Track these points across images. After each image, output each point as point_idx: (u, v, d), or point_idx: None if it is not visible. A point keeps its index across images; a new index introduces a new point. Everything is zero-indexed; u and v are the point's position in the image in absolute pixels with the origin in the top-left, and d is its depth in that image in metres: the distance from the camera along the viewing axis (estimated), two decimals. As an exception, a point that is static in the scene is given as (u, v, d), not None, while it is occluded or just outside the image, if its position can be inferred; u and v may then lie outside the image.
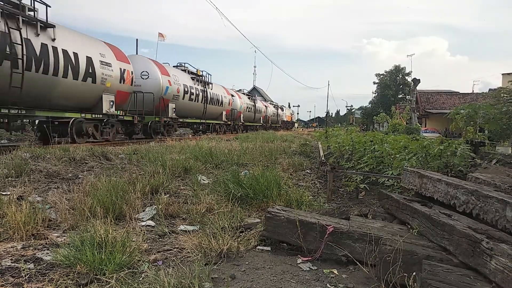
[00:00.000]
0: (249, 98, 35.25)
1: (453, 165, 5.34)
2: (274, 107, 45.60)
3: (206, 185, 5.38)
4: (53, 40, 10.16)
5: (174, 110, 17.89)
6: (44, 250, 2.80)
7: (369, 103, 65.32)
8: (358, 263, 2.58)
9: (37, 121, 11.61)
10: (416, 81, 31.24)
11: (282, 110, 52.15)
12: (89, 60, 11.41)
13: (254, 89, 70.19)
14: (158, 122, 16.51)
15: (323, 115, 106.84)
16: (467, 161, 5.59)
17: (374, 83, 62.24)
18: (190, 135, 20.98)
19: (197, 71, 21.22)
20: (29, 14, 9.62)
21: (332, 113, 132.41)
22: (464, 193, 2.82)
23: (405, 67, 59.23)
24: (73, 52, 10.81)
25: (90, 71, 11.46)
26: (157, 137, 16.49)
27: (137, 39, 16.21)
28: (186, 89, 18.95)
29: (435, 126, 31.57)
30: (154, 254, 2.78)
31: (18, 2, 9.36)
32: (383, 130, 29.99)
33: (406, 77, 57.74)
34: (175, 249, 2.91)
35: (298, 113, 77.68)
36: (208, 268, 2.36)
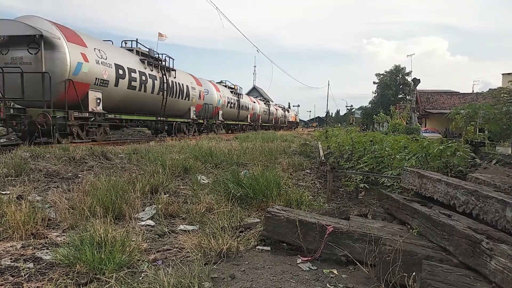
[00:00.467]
0: (265, 103, 38.22)
1: (453, 165, 5.34)
2: (282, 109, 50.62)
3: (206, 184, 5.37)
4: (174, 78, 17.55)
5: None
6: (44, 249, 2.80)
7: (369, 103, 65.32)
8: (358, 263, 2.58)
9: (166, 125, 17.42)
10: (416, 81, 31.26)
11: (288, 111, 56.35)
12: (187, 87, 18.78)
13: (254, 89, 70.17)
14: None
15: (323, 115, 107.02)
16: (467, 161, 5.59)
17: (374, 83, 62.26)
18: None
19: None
20: (167, 66, 17.02)
21: (332, 113, 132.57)
22: (464, 193, 2.82)
23: (405, 67, 59.24)
24: (181, 84, 18.18)
25: (187, 93, 18.71)
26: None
27: (137, 39, 15.99)
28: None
29: (435, 126, 31.57)
30: (154, 253, 2.78)
31: (163, 60, 16.85)
32: (383, 130, 30.01)
33: (406, 77, 57.73)
34: (174, 249, 2.91)
35: (298, 113, 78.22)
36: (208, 268, 2.36)
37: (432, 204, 3.19)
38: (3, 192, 4.22)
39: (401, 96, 58.26)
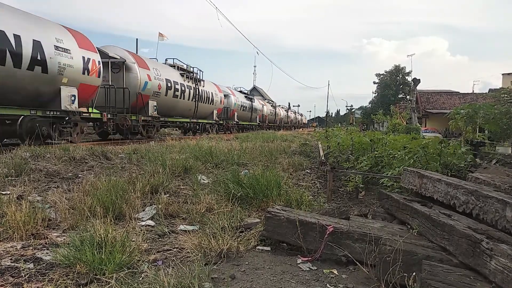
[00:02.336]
0: (271, 105, 42.96)
1: (453, 165, 5.34)
2: (294, 113, 63.27)
3: (206, 184, 5.37)
4: (203, 87, 21.88)
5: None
6: (44, 250, 2.80)
7: (369, 103, 65.30)
8: (358, 263, 2.58)
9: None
10: (416, 81, 31.23)
11: (302, 115, 79.35)
12: (212, 94, 23.19)
13: (254, 89, 70.15)
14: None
15: (323, 115, 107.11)
16: (467, 161, 5.59)
17: (374, 83, 62.28)
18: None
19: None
20: (198, 77, 21.07)
21: (332, 113, 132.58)
22: (464, 193, 2.82)
23: (405, 67, 59.25)
24: (208, 91, 22.62)
25: (212, 99, 23.18)
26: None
27: (137, 39, 16.13)
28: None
29: (435, 126, 31.54)
30: (154, 254, 2.78)
31: (196, 73, 20.75)
32: (383, 130, 29.98)
33: (406, 77, 57.72)
34: (175, 249, 2.91)
35: (298, 112, 79.49)
36: (208, 268, 2.36)
37: (432, 204, 3.19)
38: (3, 192, 4.22)
39: (401, 96, 58.25)
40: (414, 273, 2.17)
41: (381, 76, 60.91)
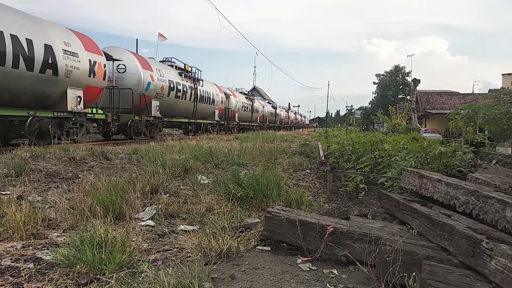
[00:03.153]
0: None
1: (453, 165, 5.33)
2: (294, 113, 65.18)
3: (206, 185, 5.38)
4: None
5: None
6: (44, 249, 2.80)
7: (369, 103, 65.29)
8: (358, 263, 2.58)
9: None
10: (416, 81, 31.23)
11: (302, 116, 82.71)
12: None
13: (254, 89, 70.16)
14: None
15: (323, 115, 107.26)
16: (467, 161, 5.58)
17: (374, 83, 62.23)
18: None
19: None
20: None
21: (332, 113, 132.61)
22: (464, 193, 2.83)
23: (404, 67, 59.22)
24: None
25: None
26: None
27: (137, 39, 16.13)
28: (172, 86, 17.38)
29: (435, 126, 31.54)
30: (154, 254, 2.78)
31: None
32: (383, 131, 29.98)
33: (406, 77, 57.71)
34: (175, 249, 2.91)
35: (298, 112, 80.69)
36: (208, 268, 2.36)
37: (432, 204, 3.19)
38: (4, 193, 4.23)
39: (401, 96, 58.24)
40: (414, 273, 2.17)
41: (381, 76, 60.88)
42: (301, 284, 2.35)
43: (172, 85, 17.27)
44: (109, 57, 12.92)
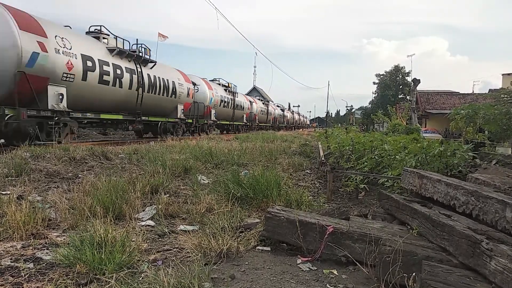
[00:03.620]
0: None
1: (453, 165, 5.33)
2: (292, 113, 65.16)
3: (206, 185, 5.38)
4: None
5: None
6: (44, 249, 2.80)
7: (369, 103, 65.28)
8: (358, 263, 2.58)
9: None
10: (416, 81, 31.21)
11: (303, 116, 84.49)
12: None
13: (254, 89, 70.14)
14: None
15: (323, 115, 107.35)
16: (467, 161, 5.58)
17: (374, 83, 62.21)
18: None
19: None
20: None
21: (332, 113, 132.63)
22: (464, 193, 2.82)
23: (404, 66, 59.19)
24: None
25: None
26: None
27: (137, 39, 15.98)
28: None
29: (435, 126, 31.54)
30: (154, 254, 2.78)
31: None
32: (383, 131, 29.96)
33: (406, 77, 57.69)
34: (174, 249, 2.91)
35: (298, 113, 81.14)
36: (208, 268, 2.36)
37: (432, 204, 3.19)
38: (4, 192, 4.23)
39: (401, 96, 58.22)
40: (414, 274, 2.17)
41: (381, 76, 60.86)
42: (301, 284, 2.35)
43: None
44: (193, 83, 20.30)
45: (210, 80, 25.31)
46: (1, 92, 9.09)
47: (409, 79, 53.54)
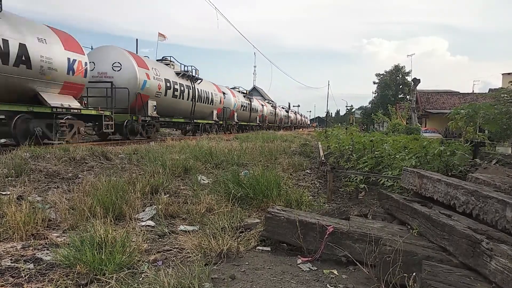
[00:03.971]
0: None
1: (453, 165, 5.34)
2: (294, 113, 66.04)
3: (206, 185, 5.38)
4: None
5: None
6: (44, 250, 2.80)
7: (369, 103, 65.30)
8: (358, 263, 2.58)
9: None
10: (416, 81, 31.26)
11: (303, 116, 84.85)
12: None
13: (254, 89, 70.12)
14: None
15: (323, 115, 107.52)
16: (467, 161, 5.59)
17: (374, 83, 62.26)
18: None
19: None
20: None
21: (332, 113, 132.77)
22: (464, 193, 2.82)
23: (404, 66, 59.21)
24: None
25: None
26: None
27: (137, 39, 16.05)
28: (168, 85, 16.97)
29: (435, 126, 31.55)
30: (154, 254, 2.78)
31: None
32: (383, 130, 29.96)
33: (406, 77, 57.70)
34: (175, 249, 2.91)
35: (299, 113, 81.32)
36: (208, 269, 2.36)
37: (432, 204, 3.19)
38: (4, 193, 4.23)
39: (401, 96, 58.24)
40: (414, 273, 2.17)
41: (381, 76, 60.89)
42: (301, 284, 2.35)
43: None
44: (223, 93, 23.61)
45: (231, 88, 29.84)
46: (126, 105, 14.07)
47: (409, 78, 53.56)
